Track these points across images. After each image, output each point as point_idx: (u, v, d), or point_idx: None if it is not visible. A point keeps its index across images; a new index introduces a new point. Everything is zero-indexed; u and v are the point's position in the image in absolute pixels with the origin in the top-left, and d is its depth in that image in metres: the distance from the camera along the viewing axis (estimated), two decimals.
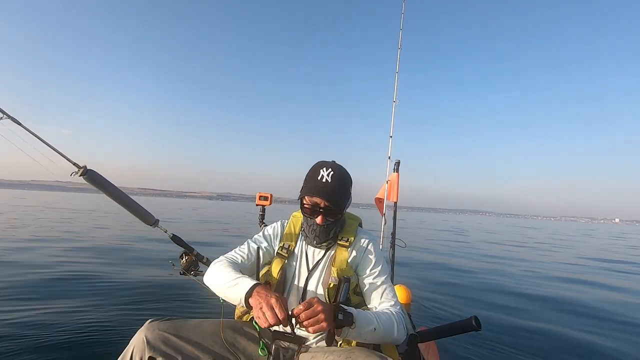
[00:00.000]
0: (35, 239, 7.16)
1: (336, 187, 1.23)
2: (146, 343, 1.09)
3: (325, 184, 1.22)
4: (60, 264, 4.84)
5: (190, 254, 1.94)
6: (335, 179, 1.24)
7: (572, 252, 11.67)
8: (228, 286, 1.14)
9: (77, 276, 4.19)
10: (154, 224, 1.87)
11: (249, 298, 1.06)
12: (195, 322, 1.23)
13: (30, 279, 3.94)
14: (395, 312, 1.19)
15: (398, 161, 3.18)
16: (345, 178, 1.28)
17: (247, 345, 1.24)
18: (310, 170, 1.29)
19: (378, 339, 1.14)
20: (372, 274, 1.28)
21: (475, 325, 1.53)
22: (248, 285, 1.09)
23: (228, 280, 1.15)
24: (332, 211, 1.23)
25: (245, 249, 1.34)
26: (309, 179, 1.27)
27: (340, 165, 1.30)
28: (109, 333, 2.51)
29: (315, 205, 1.23)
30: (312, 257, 1.32)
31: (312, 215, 1.25)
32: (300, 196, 1.27)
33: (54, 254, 5.58)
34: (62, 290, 3.56)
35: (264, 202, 2.31)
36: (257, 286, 1.08)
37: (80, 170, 1.60)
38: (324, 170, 1.24)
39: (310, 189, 1.24)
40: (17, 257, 5.10)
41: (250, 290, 1.07)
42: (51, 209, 18.88)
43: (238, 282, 1.12)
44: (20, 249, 5.91)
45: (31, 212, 15.44)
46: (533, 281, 5.89)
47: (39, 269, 4.41)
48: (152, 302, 3.33)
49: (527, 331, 3.28)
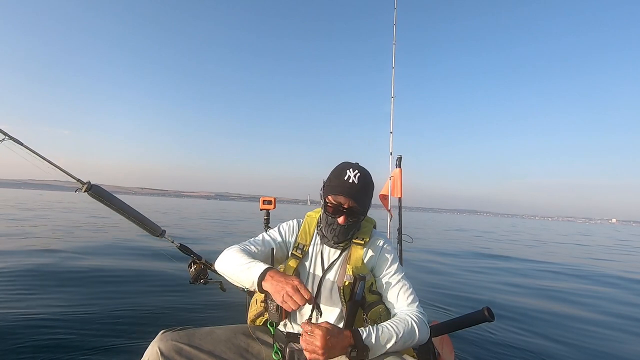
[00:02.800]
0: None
1: (362, 189, 1.24)
2: (160, 354, 1.09)
3: (352, 185, 1.22)
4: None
5: (199, 262, 1.94)
6: (362, 181, 1.24)
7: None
8: (241, 269, 1.15)
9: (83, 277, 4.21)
10: (160, 235, 1.88)
11: (261, 282, 1.07)
12: (207, 330, 1.24)
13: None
14: (414, 314, 1.17)
15: (400, 157, 3.16)
16: (370, 181, 1.28)
17: (261, 350, 1.24)
18: (336, 170, 1.29)
19: (401, 349, 1.11)
20: (388, 273, 1.28)
21: (488, 316, 1.52)
22: (261, 268, 1.10)
23: (241, 263, 1.16)
24: (355, 212, 1.23)
25: (260, 241, 1.34)
26: (334, 179, 1.26)
27: (365, 168, 1.29)
28: (120, 346, 2.51)
29: (339, 205, 1.23)
30: (327, 257, 1.32)
31: (335, 215, 1.24)
32: (325, 195, 1.27)
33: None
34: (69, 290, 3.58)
35: (268, 207, 2.31)
36: (270, 270, 1.09)
37: (85, 186, 1.61)
38: (351, 171, 1.24)
39: (335, 189, 1.24)
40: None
41: (264, 273, 1.08)
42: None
43: (251, 266, 1.13)
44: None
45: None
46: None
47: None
48: (163, 314, 3.34)
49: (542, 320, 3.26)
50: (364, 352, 1.00)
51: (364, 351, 1.00)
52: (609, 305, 4.33)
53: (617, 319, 3.79)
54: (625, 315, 3.94)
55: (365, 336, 1.03)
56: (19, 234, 7.79)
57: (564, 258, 9.48)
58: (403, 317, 1.15)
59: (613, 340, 3.09)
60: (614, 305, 4.35)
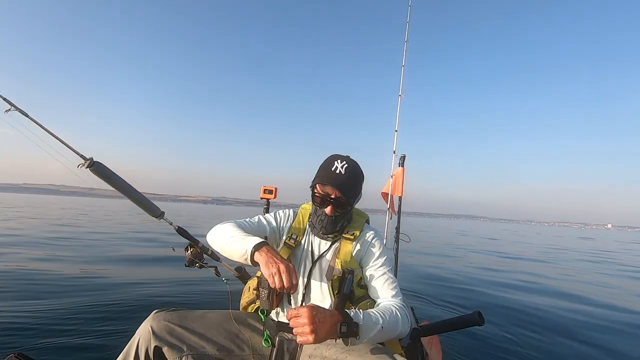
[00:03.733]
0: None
1: (348, 180, 1.25)
2: (152, 333, 1.11)
3: (338, 175, 1.23)
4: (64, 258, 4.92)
5: (195, 246, 1.95)
6: (349, 172, 1.25)
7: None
8: (235, 240, 1.15)
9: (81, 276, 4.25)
10: (159, 217, 1.88)
11: (255, 252, 1.07)
12: (200, 313, 1.25)
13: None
14: (397, 304, 1.18)
15: (403, 156, 3.14)
16: (358, 173, 1.29)
17: (252, 337, 1.25)
18: (325, 161, 1.30)
19: (385, 337, 1.12)
20: (374, 265, 1.29)
21: (479, 319, 1.53)
22: (257, 240, 1.11)
23: (235, 234, 1.17)
24: (342, 203, 1.25)
25: (255, 222, 1.35)
26: (322, 170, 1.28)
27: (354, 160, 1.30)
28: (114, 323, 2.55)
29: (326, 195, 1.25)
30: (317, 249, 1.33)
31: (322, 205, 1.26)
32: (312, 185, 1.29)
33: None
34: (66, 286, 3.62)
35: (269, 196, 2.31)
36: (266, 244, 1.09)
37: (87, 162, 1.61)
38: (339, 162, 1.25)
39: (322, 178, 1.25)
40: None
41: (260, 244, 1.09)
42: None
43: (246, 238, 1.13)
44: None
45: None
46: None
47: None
48: (157, 294, 3.37)
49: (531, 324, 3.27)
50: (353, 328, 0.99)
51: (353, 327, 0.99)
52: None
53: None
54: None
55: (353, 315, 1.03)
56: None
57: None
58: (387, 306, 1.16)
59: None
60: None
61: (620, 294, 5.50)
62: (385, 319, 1.09)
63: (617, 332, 3.41)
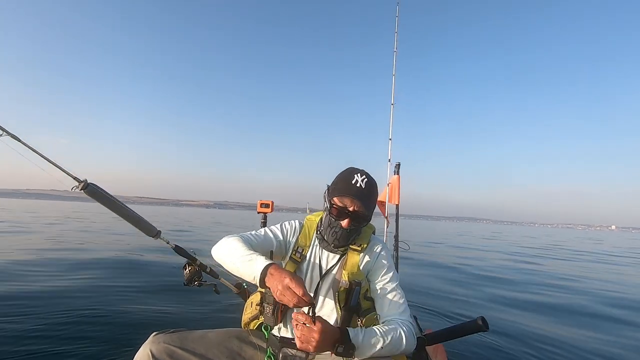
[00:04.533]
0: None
1: (368, 194, 1.24)
2: (151, 357, 1.08)
3: (359, 189, 1.23)
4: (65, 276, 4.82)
5: (193, 264, 1.93)
6: (368, 186, 1.25)
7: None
8: (242, 260, 1.11)
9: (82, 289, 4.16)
10: (155, 236, 1.86)
11: (264, 277, 1.04)
12: (200, 333, 1.22)
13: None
14: (403, 322, 1.17)
15: (398, 163, 3.17)
16: (376, 188, 1.29)
17: (254, 354, 1.23)
18: (342, 174, 1.29)
19: (385, 355, 1.11)
20: (383, 280, 1.27)
21: (483, 325, 1.51)
22: (263, 263, 1.07)
23: (242, 254, 1.13)
24: (359, 217, 1.24)
25: (262, 236, 1.32)
26: (341, 182, 1.27)
27: (370, 174, 1.30)
28: (110, 348, 2.48)
29: (344, 207, 1.23)
30: (325, 262, 1.31)
31: (339, 218, 1.24)
32: (330, 197, 1.26)
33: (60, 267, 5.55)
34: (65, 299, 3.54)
35: (266, 210, 2.31)
36: (272, 265, 1.06)
37: (81, 185, 1.60)
38: (358, 176, 1.25)
39: (342, 191, 1.24)
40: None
41: (266, 269, 1.05)
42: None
43: (252, 258, 1.10)
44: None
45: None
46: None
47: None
48: (155, 315, 3.30)
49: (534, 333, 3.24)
50: (350, 349, 1.03)
51: (350, 349, 1.03)
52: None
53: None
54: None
55: (353, 335, 1.06)
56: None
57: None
58: (393, 325, 1.15)
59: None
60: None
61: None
62: (387, 340, 1.09)
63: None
